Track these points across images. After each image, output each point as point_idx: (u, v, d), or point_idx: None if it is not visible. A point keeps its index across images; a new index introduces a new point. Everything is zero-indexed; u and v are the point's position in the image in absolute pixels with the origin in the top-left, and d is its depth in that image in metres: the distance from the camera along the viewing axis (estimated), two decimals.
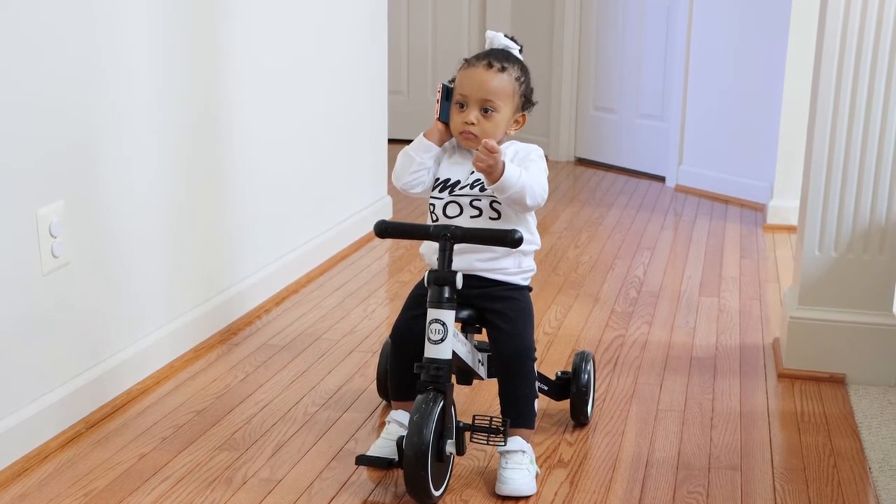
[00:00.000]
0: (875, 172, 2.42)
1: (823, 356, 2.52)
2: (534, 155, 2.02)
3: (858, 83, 2.38)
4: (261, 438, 2.18)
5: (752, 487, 2.01)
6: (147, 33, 2.36)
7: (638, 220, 4.07)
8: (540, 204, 1.97)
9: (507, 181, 1.89)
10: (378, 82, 3.81)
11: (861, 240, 2.46)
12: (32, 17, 1.99)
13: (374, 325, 2.86)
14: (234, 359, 2.61)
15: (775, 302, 3.10)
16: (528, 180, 1.92)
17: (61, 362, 2.15)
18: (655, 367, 2.60)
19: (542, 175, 1.98)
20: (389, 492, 1.96)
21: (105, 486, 1.97)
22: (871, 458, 2.12)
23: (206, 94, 2.65)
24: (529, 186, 1.91)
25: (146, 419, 2.25)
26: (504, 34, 2.07)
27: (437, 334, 1.88)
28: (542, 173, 1.99)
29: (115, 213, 2.30)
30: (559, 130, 5.19)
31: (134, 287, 2.39)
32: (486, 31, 2.09)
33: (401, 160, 2.04)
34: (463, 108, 1.98)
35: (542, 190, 1.96)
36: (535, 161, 2.00)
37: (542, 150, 2.05)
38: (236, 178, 2.82)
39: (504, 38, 2.06)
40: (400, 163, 2.04)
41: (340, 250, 3.52)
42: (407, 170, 2.03)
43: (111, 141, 2.26)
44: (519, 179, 1.90)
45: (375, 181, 3.87)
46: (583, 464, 2.09)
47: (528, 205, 1.93)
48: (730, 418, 2.31)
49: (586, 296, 3.15)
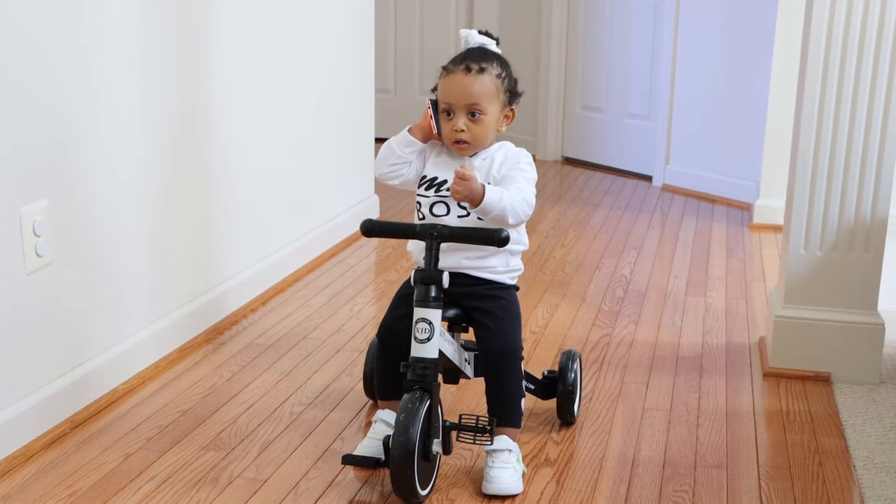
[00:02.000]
0: (860, 172, 2.43)
1: (809, 355, 2.53)
2: (523, 163, 2.01)
3: (844, 83, 2.39)
4: (247, 438, 2.17)
5: (738, 486, 2.01)
6: (131, 30, 2.35)
7: (625, 220, 4.08)
8: (524, 221, 1.98)
9: (488, 205, 1.90)
10: (365, 81, 3.81)
11: (846, 239, 2.47)
12: (14, 15, 1.97)
13: (361, 325, 2.85)
14: (220, 358, 2.60)
15: (761, 301, 3.11)
16: (510, 201, 1.92)
17: (45, 362, 2.14)
18: (642, 367, 2.60)
19: (530, 186, 1.98)
20: (376, 491, 1.96)
21: (90, 486, 1.96)
22: (855, 457, 2.13)
23: (191, 93, 2.64)
24: (511, 208, 1.92)
25: (131, 419, 2.24)
26: (478, 30, 2.06)
27: (424, 333, 1.88)
28: (530, 184, 1.99)
29: (100, 212, 2.28)
30: (546, 130, 5.19)
31: (119, 286, 2.38)
32: (460, 31, 2.08)
33: (383, 150, 2.05)
34: (450, 115, 1.98)
35: (527, 207, 1.96)
36: (524, 170, 2.00)
37: (531, 157, 2.05)
38: (222, 176, 2.82)
39: (478, 34, 2.04)
40: (381, 153, 2.05)
41: (327, 249, 3.51)
42: (386, 161, 2.03)
43: (95, 140, 2.25)
44: (500, 202, 1.91)
45: (362, 180, 3.86)
46: (569, 463, 2.09)
47: (511, 223, 1.94)
48: (716, 417, 2.31)
49: (573, 295, 3.15)
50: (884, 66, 2.37)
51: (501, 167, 2.00)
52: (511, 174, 1.98)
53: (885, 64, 2.36)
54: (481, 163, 2.01)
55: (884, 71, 2.37)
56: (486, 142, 2.00)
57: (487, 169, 2.00)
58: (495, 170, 2.00)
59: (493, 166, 2.00)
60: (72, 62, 2.15)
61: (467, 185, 1.88)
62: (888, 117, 2.39)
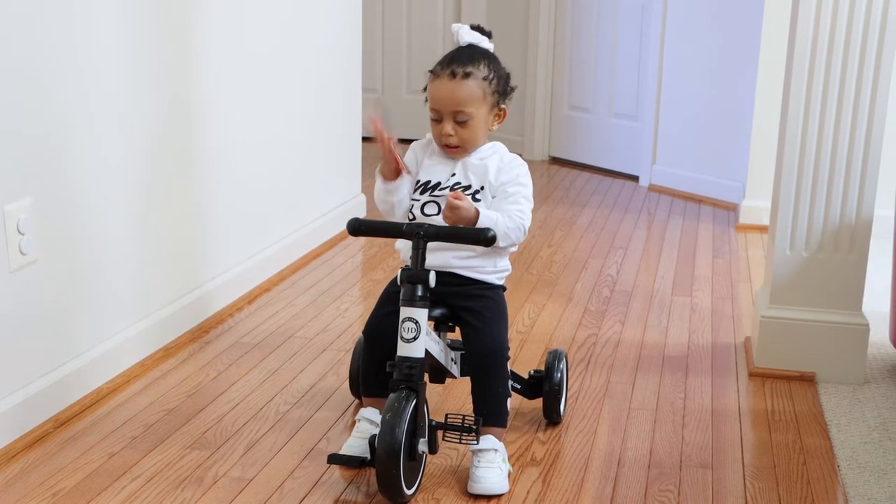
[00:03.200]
0: (845, 173, 2.44)
1: (794, 355, 2.53)
2: (522, 176, 2.01)
3: (829, 84, 2.40)
4: (232, 437, 2.16)
5: (723, 485, 2.02)
6: (118, 27, 2.34)
7: (611, 220, 4.08)
8: (516, 244, 2.01)
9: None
10: (352, 80, 3.80)
11: (831, 239, 2.48)
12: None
13: (347, 324, 2.85)
14: (206, 357, 2.59)
15: (747, 301, 3.12)
16: (504, 227, 1.94)
17: (29, 360, 2.13)
18: (628, 366, 2.60)
19: (529, 205, 2.00)
20: (361, 491, 1.96)
21: (73, 485, 1.95)
22: (839, 456, 2.14)
23: (177, 91, 2.63)
24: (504, 234, 1.94)
25: (116, 418, 2.23)
26: (470, 25, 2.05)
27: (410, 333, 1.87)
28: (529, 202, 2.00)
29: (85, 210, 2.27)
30: (533, 130, 5.20)
31: (104, 284, 2.37)
32: (453, 25, 2.07)
33: (376, 197, 2.07)
34: (439, 120, 1.98)
35: (521, 234, 1.98)
36: (523, 185, 2.00)
37: (526, 166, 2.04)
38: (208, 175, 2.81)
39: (470, 30, 2.03)
40: (376, 198, 2.07)
41: (314, 248, 3.50)
42: (383, 204, 2.06)
43: (80, 138, 2.24)
44: (494, 226, 1.92)
45: (349, 179, 3.86)
46: (555, 462, 2.09)
47: (501, 246, 1.96)
48: (701, 417, 2.32)
49: (559, 295, 3.15)
50: (868, 67, 2.38)
51: (499, 175, 2.00)
52: (511, 189, 1.99)
53: (870, 65, 2.37)
54: (478, 163, 2.01)
55: (868, 72, 2.38)
56: (475, 144, 2.01)
57: (483, 172, 2.00)
58: (492, 176, 2.00)
59: (489, 172, 2.00)
60: (57, 59, 2.14)
61: (457, 212, 1.90)
62: (873, 118, 2.40)
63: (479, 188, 1.99)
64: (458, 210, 1.90)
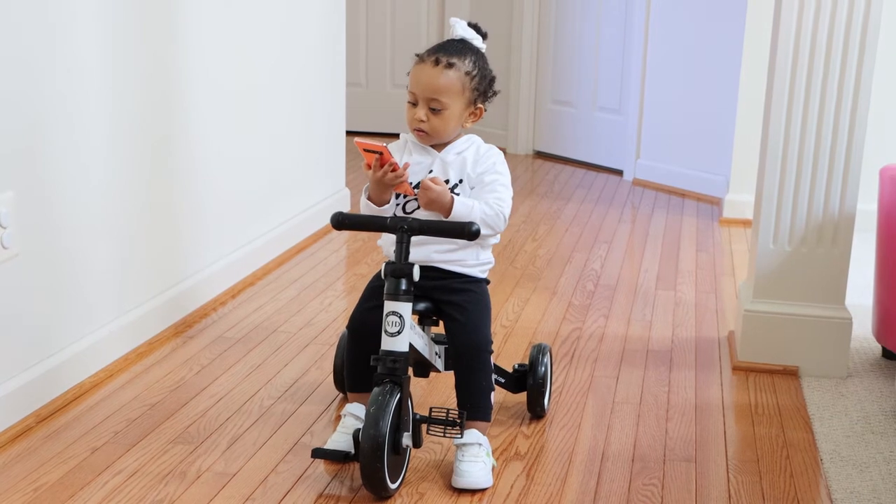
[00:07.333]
0: (828, 167, 2.45)
1: (777, 349, 2.54)
2: (499, 165, 2.00)
3: (812, 78, 2.41)
4: (215, 432, 2.15)
5: (707, 479, 2.02)
6: (101, 22, 2.32)
7: (595, 214, 4.09)
8: (497, 233, 1.99)
9: (457, 215, 1.92)
10: (336, 74, 3.79)
11: (815, 233, 2.49)
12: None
13: (331, 318, 2.84)
14: (189, 352, 2.58)
15: (730, 295, 3.13)
16: (482, 213, 1.93)
17: (11, 355, 2.12)
18: (612, 360, 2.61)
19: (507, 193, 1.99)
20: (345, 485, 1.95)
21: (56, 480, 1.93)
22: (822, 450, 2.15)
23: (161, 84, 2.61)
24: (482, 221, 1.93)
25: (98, 413, 2.22)
26: (468, 22, 2.06)
27: (394, 326, 1.87)
28: (507, 189, 2.00)
29: (67, 204, 2.26)
30: (517, 124, 5.20)
31: (86, 278, 2.35)
32: (450, 19, 2.08)
33: (362, 210, 2.04)
34: (415, 104, 1.98)
35: (501, 222, 1.97)
36: (500, 174, 2.00)
37: (502, 155, 2.04)
38: (191, 169, 2.79)
39: (466, 27, 2.04)
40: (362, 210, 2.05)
41: (297, 242, 3.49)
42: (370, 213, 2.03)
43: (62, 131, 2.22)
44: (470, 213, 1.92)
45: (333, 173, 3.85)
46: (539, 456, 2.09)
47: (483, 234, 1.93)
48: (685, 411, 2.33)
49: (544, 289, 3.15)
50: (851, 62, 2.38)
51: (476, 166, 2.00)
52: (487, 179, 1.98)
53: (853, 59, 2.38)
54: (455, 157, 2.01)
55: (851, 67, 2.39)
56: (444, 135, 1.99)
57: (461, 166, 2.00)
58: (470, 168, 2.00)
59: (466, 165, 2.00)
60: (40, 53, 2.12)
61: (428, 193, 1.90)
62: (856, 113, 2.41)
63: (457, 181, 1.99)
64: (428, 191, 1.90)
